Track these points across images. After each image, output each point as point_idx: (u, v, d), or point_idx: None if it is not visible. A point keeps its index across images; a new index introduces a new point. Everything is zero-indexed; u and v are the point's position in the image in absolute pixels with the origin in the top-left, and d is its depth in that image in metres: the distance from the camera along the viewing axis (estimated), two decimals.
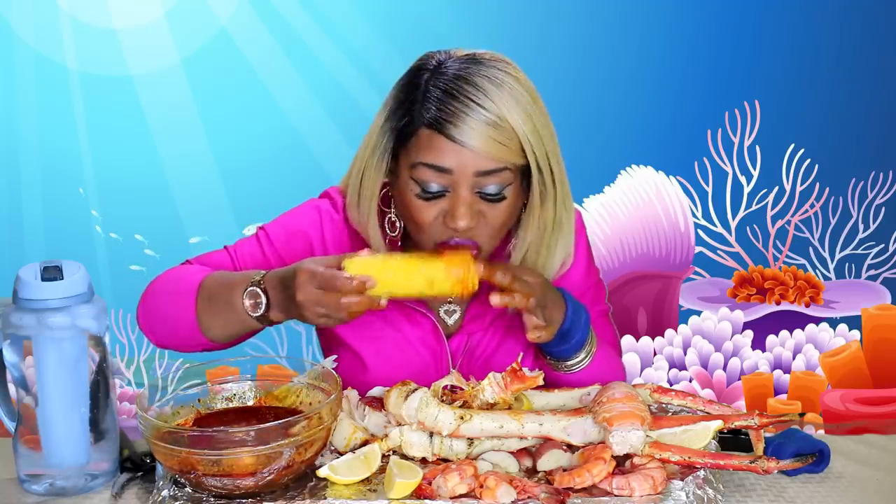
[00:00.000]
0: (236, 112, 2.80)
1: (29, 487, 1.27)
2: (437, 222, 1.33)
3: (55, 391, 1.24)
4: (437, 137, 1.29)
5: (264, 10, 2.75)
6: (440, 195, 1.32)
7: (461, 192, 1.30)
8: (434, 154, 1.30)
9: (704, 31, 2.79)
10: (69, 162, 2.78)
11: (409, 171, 1.32)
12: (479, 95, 1.28)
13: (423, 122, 1.30)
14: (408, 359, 1.48)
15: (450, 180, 1.30)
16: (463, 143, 1.28)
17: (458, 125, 1.28)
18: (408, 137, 1.33)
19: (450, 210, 1.31)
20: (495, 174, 1.30)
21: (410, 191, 1.33)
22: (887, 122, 2.83)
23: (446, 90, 1.30)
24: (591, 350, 1.42)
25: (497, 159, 1.29)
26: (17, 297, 1.23)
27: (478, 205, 1.32)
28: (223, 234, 2.83)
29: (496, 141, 1.28)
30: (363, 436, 1.25)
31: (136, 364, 2.90)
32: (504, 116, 1.28)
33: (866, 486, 1.26)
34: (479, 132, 1.28)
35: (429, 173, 1.30)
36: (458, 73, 1.31)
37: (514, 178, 1.33)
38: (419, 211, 1.33)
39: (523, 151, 1.31)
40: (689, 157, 2.85)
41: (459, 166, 1.29)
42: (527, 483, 1.14)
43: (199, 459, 1.11)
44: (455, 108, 1.28)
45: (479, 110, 1.28)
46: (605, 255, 2.91)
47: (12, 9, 2.71)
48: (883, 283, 2.91)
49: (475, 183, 1.30)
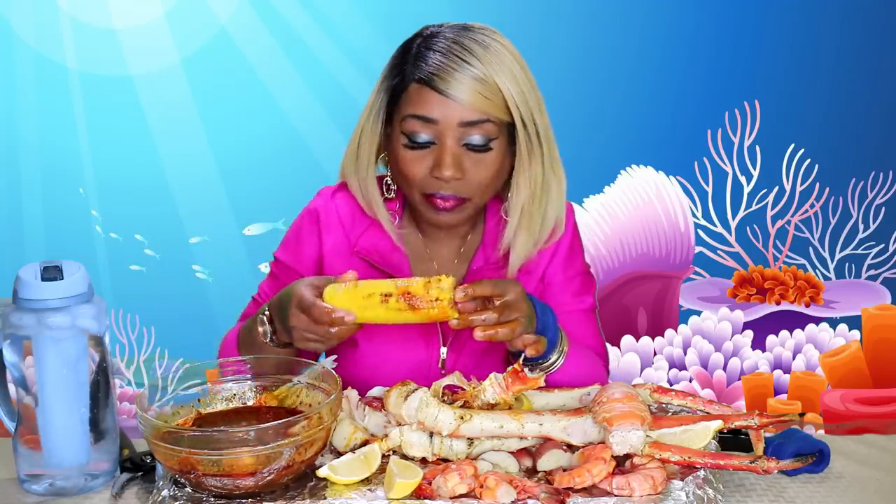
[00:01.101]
0: (236, 112, 2.80)
1: (29, 487, 1.27)
2: (425, 174, 1.40)
3: (55, 391, 1.24)
4: (425, 91, 1.37)
5: (264, 10, 2.75)
6: (427, 146, 1.39)
7: (447, 142, 1.38)
8: (421, 106, 1.38)
9: (704, 31, 2.79)
10: (69, 162, 2.78)
11: (400, 125, 1.40)
12: (466, 54, 1.37)
13: (413, 78, 1.39)
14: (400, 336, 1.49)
15: (436, 131, 1.38)
16: (449, 94, 1.36)
17: (446, 79, 1.36)
18: (399, 94, 1.41)
19: (436, 160, 1.38)
20: (479, 125, 1.37)
21: (400, 143, 1.41)
22: (887, 122, 2.83)
23: (436, 49, 1.38)
24: (562, 350, 1.43)
25: (481, 111, 1.37)
26: (17, 297, 1.23)
27: (464, 157, 1.39)
28: (223, 234, 2.84)
29: (481, 94, 1.36)
30: (363, 436, 1.25)
31: (136, 364, 2.90)
32: (490, 74, 1.37)
33: (866, 486, 1.26)
34: (465, 85, 1.36)
35: (416, 124, 1.38)
36: (449, 36, 1.39)
37: (500, 134, 1.40)
38: (408, 163, 1.40)
39: (508, 109, 1.38)
40: (689, 157, 2.85)
41: (444, 117, 1.37)
42: (527, 483, 1.14)
43: (199, 459, 1.11)
44: (443, 63, 1.37)
45: (465, 66, 1.36)
46: (605, 255, 2.91)
47: (12, 9, 2.71)
48: (883, 283, 2.91)
49: (460, 134, 1.37)
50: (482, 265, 1.51)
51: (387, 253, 1.51)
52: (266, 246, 2.80)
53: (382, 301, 1.27)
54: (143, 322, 2.88)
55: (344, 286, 1.30)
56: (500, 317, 1.28)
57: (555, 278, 1.54)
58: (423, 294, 1.26)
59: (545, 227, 1.49)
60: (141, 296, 2.84)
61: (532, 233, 1.48)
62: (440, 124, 1.37)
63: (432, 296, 1.26)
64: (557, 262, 1.55)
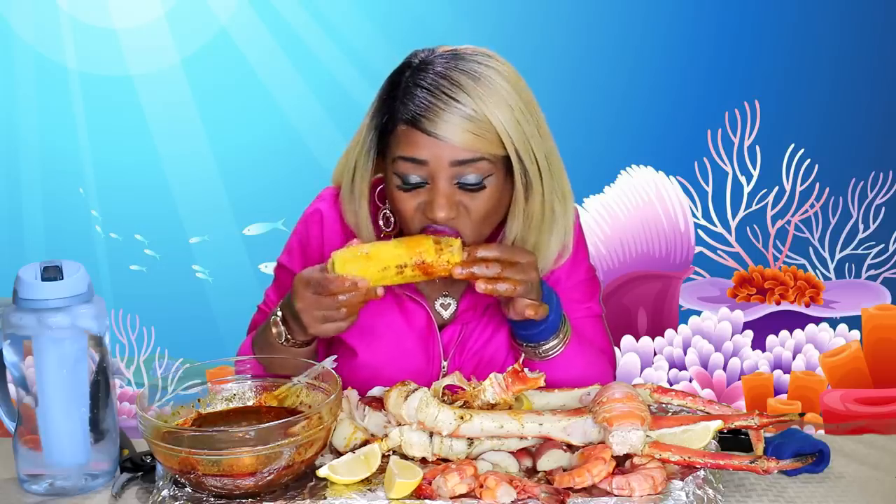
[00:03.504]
0: (236, 112, 2.80)
1: (29, 487, 1.27)
2: (418, 213, 1.36)
3: (55, 391, 1.23)
4: (413, 132, 1.32)
5: (264, 10, 2.75)
6: (420, 186, 1.34)
7: (439, 183, 1.32)
8: (411, 148, 1.32)
9: (704, 31, 2.79)
10: (69, 162, 2.78)
11: (392, 166, 1.36)
12: (454, 90, 1.30)
13: (400, 118, 1.33)
14: (399, 348, 1.49)
15: (427, 172, 1.33)
16: (438, 136, 1.30)
17: (433, 119, 1.30)
18: (388, 134, 1.36)
19: (428, 201, 1.34)
20: (472, 164, 1.32)
21: (393, 184, 1.36)
22: (887, 122, 2.83)
23: (424, 87, 1.32)
24: (564, 335, 1.43)
25: (473, 150, 1.31)
26: (17, 297, 1.23)
27: (458, 195, 1.34)
28: (223, 234, 2.84)
29: (472, 133, 1.30)
30: (363, 436, 1.25)
31: (136, 364, 2.90)
32: (480, 109, 1.30)
33: (866, 486, 1.26)
34: (454, 125, 1.30)
35: (407, 166, 1.33)
36: (437, 70, 1.33)
37: (496, 170, 1.34)
38: (401, 203, 1.36)
39: (503, 143, 1.32)
40: (689, 157, 2.85)
41: (435, 158, 1.31)
42: (527, 483, 1.14)
43: (199, 459, 1.11)
44: (430, 103, 1.30)
45: (453, 104, 1.30)
46: (605, 255, 2.91)
47: (12, 9, 2.71)
48: (883, 283, 2.91)
49: (453, 173, 1.32)
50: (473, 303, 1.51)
51: None
52: (266, 246, 2.81)
53: (398, 272, 1.31)
54: (143, 322, 2.88)
55: (355, 252, 1.31)
56: (503, 272, 1.31)
57: (558, 285, 1.51)
58: (435, 260, 1.31)
59: (548, 257, 1.44)
60: (141, 296, 2.84)
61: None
62: (431, 165, 1.32)
63: (444, 259, 1.31)
64: (561, 269, 1.52)
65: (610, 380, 1.52)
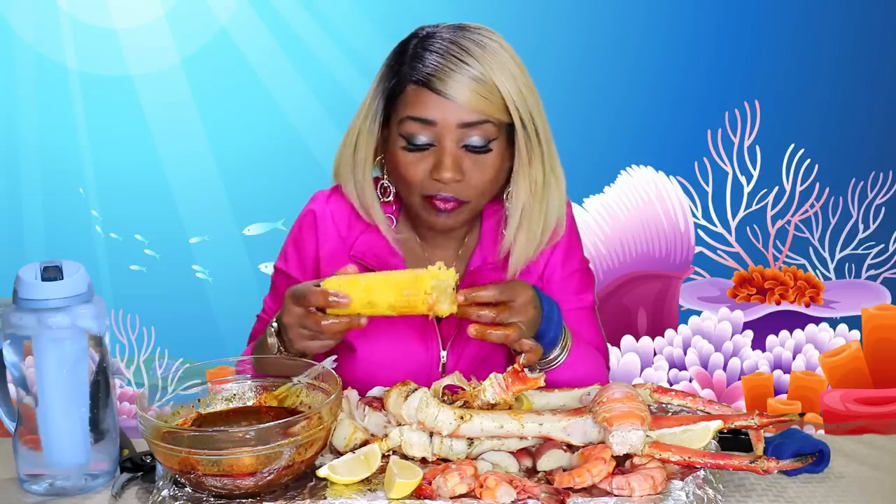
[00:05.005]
0: (236, 112, 2.80)
1: (29, 487, 1.27)
2: (424, 177, 1.38)
3: (55, 391, 1.23)
4: (423, 92, 1.36)
5: (264, 10, 2.75)
6: (426, 148, 1.37)
7: (446, 144, 1.36)
8: (420, 107, 1.36)
9: (704, 31, 2.79)
10: (69, 162, 2.78)
11: (398, 128, 1.39)
12: (463, 54, 1.36)
13: (410, 79, 1.37)
14: (397, 338, 1.49)
15: (435, 132, 1.36)
16: (447, 95, 1.34)
17: (443, 79, 1.35)
18: (396, 96, 1.39)
19: (435, 162, 1.37)
20: (478, 126, 1.36)
21: (398, 146, 1.39)
22: (887, 122, 2.83)
23: (433, 50, 1.37)
24: (566, 346, 1.43)
25: (480, 111, 1.35)
26: (17, 297, 1.23)
27: (463, 158, 1.37)
28: (223, 234, 2.84)
29: (479, 94, 1.35)
30: (363, 436, 1.25)
31: (136, 364, 2.90)
32: (488, 74, 1.35)
33: (866, 486, 1.26)
34: (463, 86, 1.34)
35: (415, 126, 1.37)
36: (445, 37, 1.38)
37: (499, 134, 1.39)
38: (407, 166, 1.39)
39: (507, 109, 1.37)
40: (689, 157, 2.85)
41: (443, 118, 1.35)
42: (527, 483, 1.14)
43: (199, 459, 1.11)
44: (440, 64, 1.35)
45: (463, 66, 1.35)
46: (605, 255, 2.91)
47: (12, 9, 2.71)
48: (883, 283, 2.91)
49: (460, 135, 1.36)
50: (480, 266, 1.51)
51: (384, 256, 1.50)
52: (266, 246, 2.81)
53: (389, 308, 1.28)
54: (143, 322, 2.88)
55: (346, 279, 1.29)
56: (497, 317, 1.28)
57: (553, 276, 1.54)
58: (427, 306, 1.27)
59: (546, 229, 1.48)
60: (141, 296, 2.84)
61: (532, 234, 1.47)
62: (439, 126, 1.36)
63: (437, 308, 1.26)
64: (556, 259, 1.55)
65: (603, 371, 1.53)
